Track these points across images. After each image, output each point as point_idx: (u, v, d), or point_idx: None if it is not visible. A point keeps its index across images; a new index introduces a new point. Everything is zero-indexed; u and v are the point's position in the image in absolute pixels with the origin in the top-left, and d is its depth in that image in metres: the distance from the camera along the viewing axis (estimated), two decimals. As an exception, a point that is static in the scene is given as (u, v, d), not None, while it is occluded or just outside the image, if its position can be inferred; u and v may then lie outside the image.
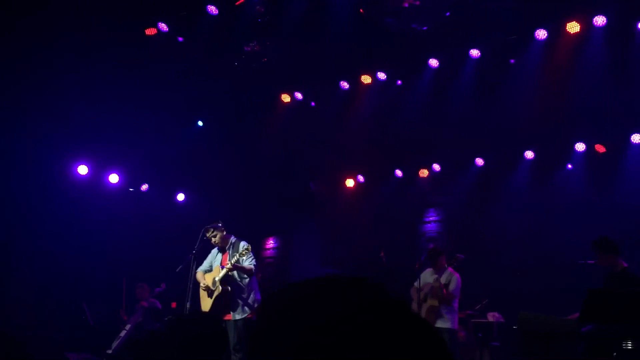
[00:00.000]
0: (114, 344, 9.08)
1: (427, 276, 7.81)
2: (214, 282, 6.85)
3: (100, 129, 10.13)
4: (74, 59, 9.12)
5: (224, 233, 7.04)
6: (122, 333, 9.23)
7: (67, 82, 9.42)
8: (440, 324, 7.24)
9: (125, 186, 11.19)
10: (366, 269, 9.67)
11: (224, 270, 6.75)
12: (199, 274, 7.03)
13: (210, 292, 6.86)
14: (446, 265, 7.66)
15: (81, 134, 10.09)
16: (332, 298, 0.93)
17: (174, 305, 9.88)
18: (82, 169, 10.53)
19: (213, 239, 7.00)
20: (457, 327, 7.68)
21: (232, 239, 7.08)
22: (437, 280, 7.43)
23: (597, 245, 6.38)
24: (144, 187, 11.51)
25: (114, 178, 10.96)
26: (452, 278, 7.53)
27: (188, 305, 6.72)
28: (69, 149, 10.25)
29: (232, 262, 6.70)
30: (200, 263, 7.05)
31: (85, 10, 8.62)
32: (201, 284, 6.95)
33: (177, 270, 7.01)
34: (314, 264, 12.62)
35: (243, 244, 6.84)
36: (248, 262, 6.79)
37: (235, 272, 6.77)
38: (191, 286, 6.78)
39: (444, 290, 7.38)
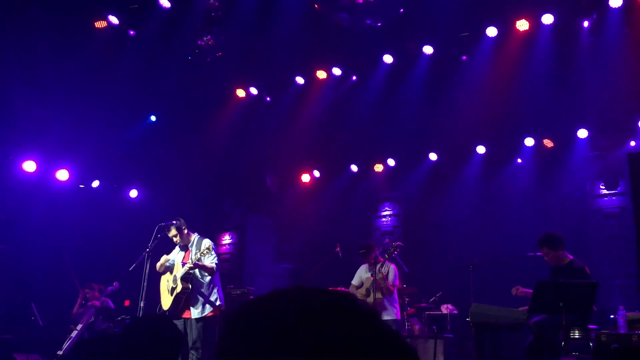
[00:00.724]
0: (65, 345, 8.85)
1: (362, 272, 7.95)
2: (174, 279, 6.76)
3: (48, 124, 9.81)
4: (18, 51, 8.81)
5: (186, 231, 6.95)
6: (73, 333, 9.01)
7: (11, 76, 9.09)
8: (386, 316, 7.32)
9: (75, 183, 10.89)
10: (322, 264, 9.70)
11: (185, 268, 6.67)
12: (161, 261, 6.95)
13: (171, 289, 6.78)
14: (385, 257, 7.73)
15: (27, 129, 9.76)
16: (307, 309, 0.94)
17: (127, 303, 9.71)
18: (29, 166, 10.18)
19: (174, 239, 6.90)
20: (400, 317, 7.82)
21: (195, 237, 7.00)
22: (380, 271, 7.52)
23: (545, 242, 6.47)
24: (95, 183, 11.24)
25: (63, 174, 10.64)
26: (389, 269, 7.63)
27: (142, 304, 6.60)
28: (14, 145, 9.91)
29: (193, 259, 6.63)
30: (154, 261, 6.92)
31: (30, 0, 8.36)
32: (158, 265, 6.86)
33: (130, 269, 6.88)
34: (269, 259, 12.61)
35: (205, 242, 6.77)
36: (209, 260, 6.71)
37: (196, 270, 6.69)
38: (145, 285, 6.67)
39: (387, 282, 7.49)
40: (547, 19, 8.89)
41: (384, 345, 0.91)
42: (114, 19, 9.34)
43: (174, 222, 6.92)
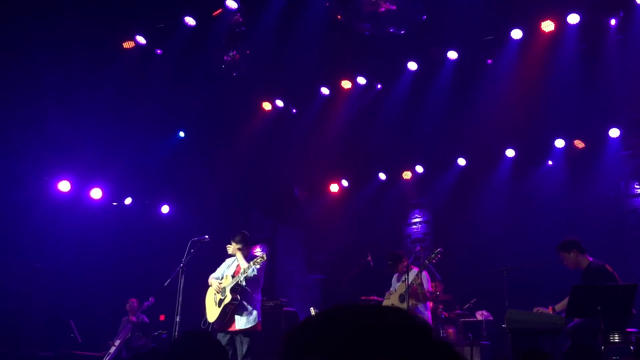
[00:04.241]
0: (104, 361, 9.01)
1: (394, 281, 7.97)
2: (223, 291, 6.85)
3: (81, 144, 10.06)
4: (53, 76, 9.07)
5: (249, 247, 7.13)
6: (112, 349, 9.17)
7: (46, 99, 9.35)
8: None
9: (108, 201, 11.10)
10: (353, 273, 9.71)
11: (235, 279, 6.79)
12: (213, 281, 7.08)
13: (219, 301, 6.87)
14: (424, 264, 7.70)
15: (61, 150, 10.01)
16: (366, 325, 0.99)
17: (162, 318, 9.83)
18: (64, 186, 10.42)
19: (240, 252, 6.98)
20: (432, 324, 7.80)
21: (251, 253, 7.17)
22: (419, 277, 7.51)
23: (559, 248, 6.52)
24: (128, 200, 11.43)
25: (96, 193, 10.87)
26: (422, 276, 7.60)
27: (178, 318, 6.69)
28: (49, 166, 10.16)
29: (245, 267, 6.74)
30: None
31: (62, 25, 8.59)
32: (214, 287, 6.97)
33: (166, 284, 6.98)
34: (300, 270, 12.63)
35: (260, 253, 6.89)
36: (252, 269, 6.80)
37: (244, 281, 6.77)
38: (180, 299, 6.75)
39: (424, 289, 7.48)
40: (573, 18, 8.78)
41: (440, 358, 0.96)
42: (141, 39, 9.53)
43: (207, 237, 7.07)
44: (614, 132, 9.65)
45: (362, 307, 1.04)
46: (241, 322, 6.74)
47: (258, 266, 6.75)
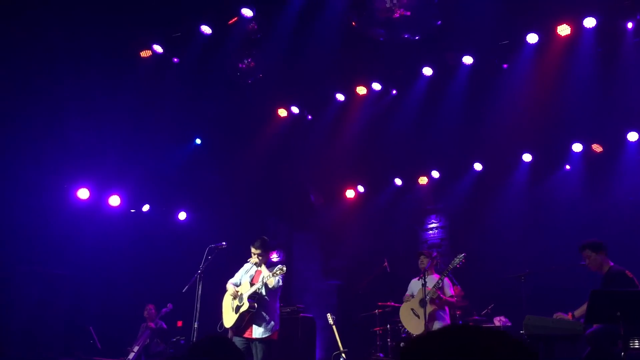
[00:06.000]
0: (123, 367, 9.08)
1: (410, 286, 7.95)
2: (240, 298, 6.84)
3: (99, 152, 10.19)
4: (72, 85, 9.22)
5: (269, 253, 7.13)
6: (131, 355, 9.24)
7: (65, 107, 9.50)
8: (438, 326, 7.33)
9: (126, 208, 11.22)
10: (370, 279, 9.70)
11: (254, 287, 6.77)
12: (229, 286, 7.07)
13: (236, 307, 6.86)
14: (448, 269, 7.68)
15: (80, 157, 10.15)
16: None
17: (179, 324, 9.90)
18: (83, 193, 10.56)
19: (259, 258, 6.94)
20: None
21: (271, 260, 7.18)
22: (440, 281, 7.50)
23: (587, 245, 6.47)
24: (146, 207, 11.53)
25: (114, 200, 10.99)
26: (443, 283, 7.56)
27: (196, 324, 6.73)
28: (69, 174, 10.30)
29: (265, 276, 6.71)
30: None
31: (81, 34, 8.73)
32: (230, 292, 6.97)
33: (184, 290, 7.02)
34: (317, 276, 12.64)
35: (280, 266, 6.78)
36: (274, 280, 6.75)
37: (263, 289, 6.76)
38: (198, 306, 6.79)
39: (443, 296, 7.45)
40: (589, 22, 8.71)
41: None
42: (158, 48, 9.64)
43: (224, 244, 7.08)
44: (633, 136, 9.57)
45: (477, 327, 1.15)
46: (258, 331, 6.71)
47: (278, 278, 6.71)
